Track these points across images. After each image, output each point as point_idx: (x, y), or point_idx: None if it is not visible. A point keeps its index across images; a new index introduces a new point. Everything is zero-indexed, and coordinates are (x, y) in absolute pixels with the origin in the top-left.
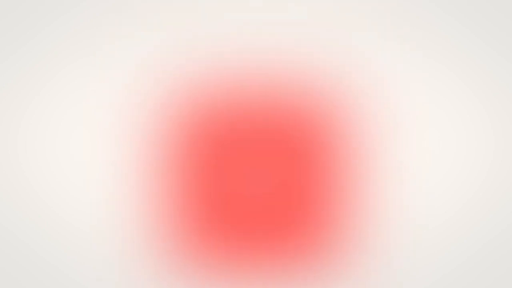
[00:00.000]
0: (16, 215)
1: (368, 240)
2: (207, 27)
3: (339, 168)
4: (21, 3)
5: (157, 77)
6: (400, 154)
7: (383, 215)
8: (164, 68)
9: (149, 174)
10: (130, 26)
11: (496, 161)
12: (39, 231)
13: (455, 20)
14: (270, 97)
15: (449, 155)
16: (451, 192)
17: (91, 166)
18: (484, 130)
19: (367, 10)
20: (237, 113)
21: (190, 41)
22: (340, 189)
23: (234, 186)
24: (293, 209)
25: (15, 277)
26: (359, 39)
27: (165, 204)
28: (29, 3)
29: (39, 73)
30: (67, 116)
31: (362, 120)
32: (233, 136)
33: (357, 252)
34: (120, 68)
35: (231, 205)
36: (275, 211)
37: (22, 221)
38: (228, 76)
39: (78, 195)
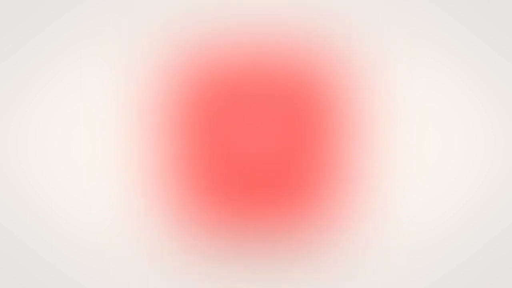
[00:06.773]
0: (16, 215)
1: (368, 247)
2: None
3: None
4: (21, 3)
5: (157, 74)
6: (399, 154)
7: (383, 215)
8: (163, 56)
9: (149, 173)
10: (130, 26)
11: (496, 161)
12: (39, 231)
13: (455, 20)
14: (269, 59)
15: (449, 155)
16: (451, 192)
17: (92, 166)
18: (484, 130)
19: (366, 10)
20: (236, 75)
21: (185, 14)
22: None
23: (235, 149)
24: (292, 171)
25: (15, 277)
26: (358, 38)
27: (165, 205)
28: (29, 3)
29: (39, 73)
30: (67, 116)
31: (361, 120)
32: (232, 98)
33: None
34: (120, 68)
35: (231, 167)
36: (274, 173)
37: (22, 221)
38: (226, 38)
39: (78, 195)
